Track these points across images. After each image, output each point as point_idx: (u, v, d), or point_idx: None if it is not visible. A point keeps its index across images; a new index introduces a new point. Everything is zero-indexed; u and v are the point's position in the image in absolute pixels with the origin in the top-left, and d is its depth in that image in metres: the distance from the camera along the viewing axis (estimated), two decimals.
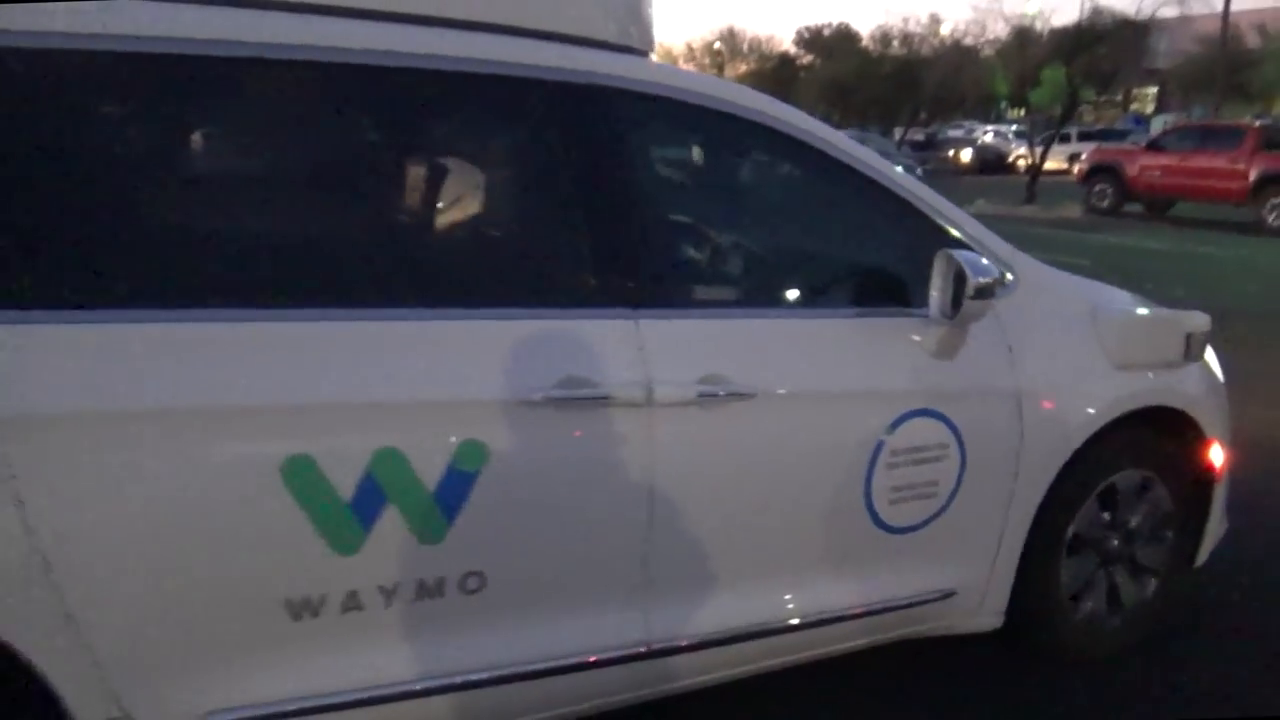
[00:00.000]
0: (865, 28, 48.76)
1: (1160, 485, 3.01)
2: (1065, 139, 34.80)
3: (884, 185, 2.55)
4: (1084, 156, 22.50)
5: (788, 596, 2.44)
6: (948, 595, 2.69)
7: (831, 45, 51.77)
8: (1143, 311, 3.04)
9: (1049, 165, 30.47)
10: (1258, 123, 21.20)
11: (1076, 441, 2.73)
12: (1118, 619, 3.08)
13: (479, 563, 2.03)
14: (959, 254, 2.43)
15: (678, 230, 2.58)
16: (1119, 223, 19.24)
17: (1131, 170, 20.14)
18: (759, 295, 2.60)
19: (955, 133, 43.27)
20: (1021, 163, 30.86)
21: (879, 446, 2.43)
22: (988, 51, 38.53)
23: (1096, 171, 20.91)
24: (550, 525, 2.09)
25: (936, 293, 2.46)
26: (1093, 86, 30.64)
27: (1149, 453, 2.96)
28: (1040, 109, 36.47)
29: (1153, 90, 61.69)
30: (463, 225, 2.26)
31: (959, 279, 2.40)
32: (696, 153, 3.05)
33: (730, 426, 2.23)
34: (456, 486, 1.96)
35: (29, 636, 1.65)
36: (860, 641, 2.64)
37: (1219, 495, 3.16)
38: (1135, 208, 20.52)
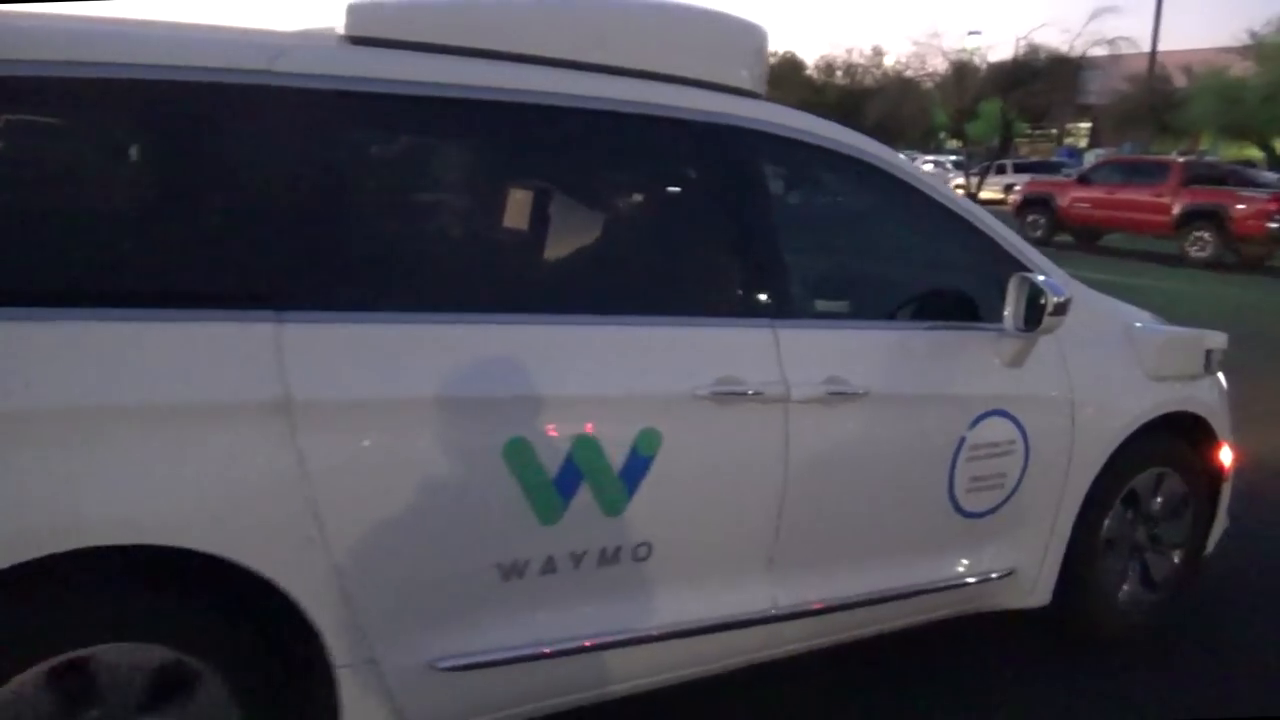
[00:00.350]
0: (811, 57, 49.55)
1: (1176, 478, 3.47)
2: (1001, 170, 35.76)
3: (963, 216, 3.01)
4: (1018, 188, 23.09)
5: (885, 571, 2.80)
6: (1010, 574, 3.08)
7: (778, 74, 52.58)
8: (1172, 329, 3.54)
9: (985, 196, 31.26)
10: (1182, 159, 21.93)
11: (1117, 441, 3.16)
12: (1153, 594, 3.51)
13: (649, 534, 2.37)
14: (1035, 277, 2.85)
15: (800, 252, 2.93)
16: (1051, 253, 19.76)
17: (1063, 202, 20.74)
18: (865, 310, 2.97)
19: None
20: (959, 193, 31.54)
21: (961, 441, 2.84)
22: (928, 84, 39.50)
23: (1030, 203, 21.51)
24: (705, 501, 2.45)
25: (1011, 309, 2.87)
26: (1027, 120, 31.47)
27: (1171, 451, 3.42)
28: (978, 141, 37.45)
29: (1086, 125, 63.72)
30: (641, 249, 2.69)
31: (1033, 298, 2.82)
32: (808, 185, 3.47)
33: (846, 420, 2.61)
34: (636, 467, 2.32)
35: (304, 587, 1.97)
36: (942, 613, 3.05)
37: (1226, 491, 3.63)
38: (1066, 238, 21.12)
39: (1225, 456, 3.58)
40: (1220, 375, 3.70)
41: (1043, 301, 2.80)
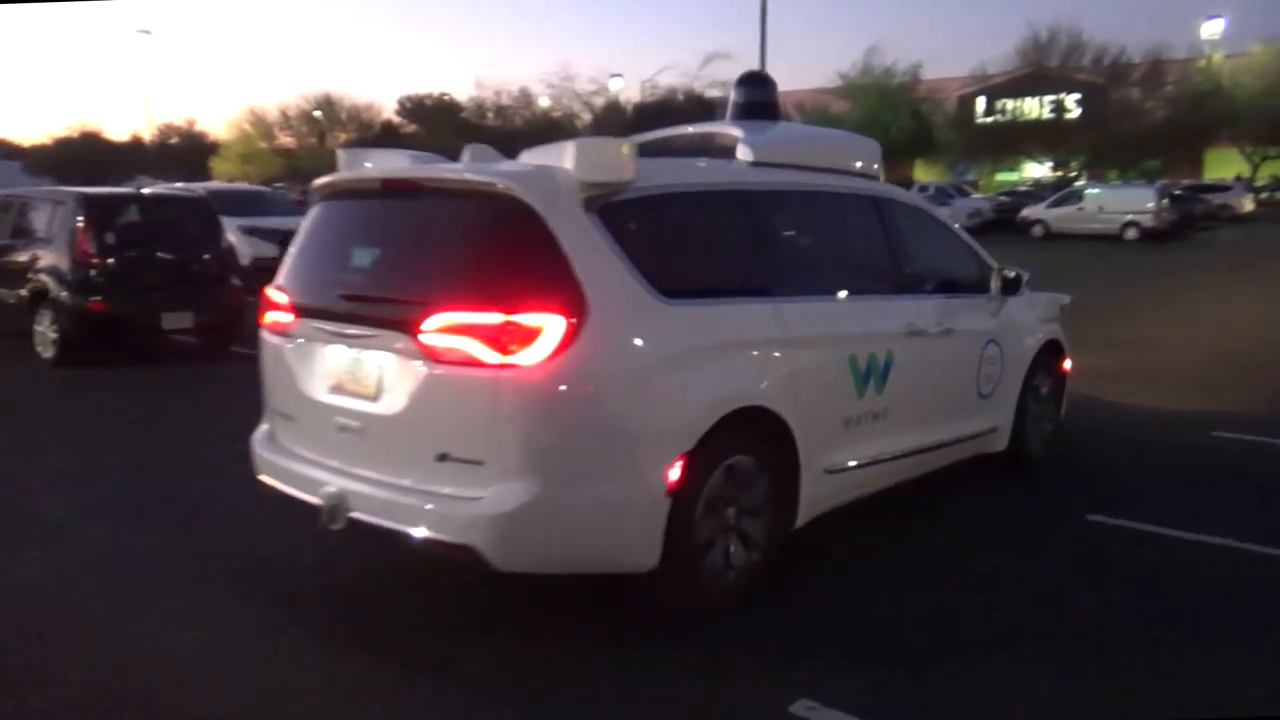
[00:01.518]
0: (465, 98, 50.23)
1: (1054, 369, 6.62)
2: None
3: (963, 238, 6.03)
4: None
5: (957, 426, 5.59)
6: (993, 430, 5.96)
7: (433, 115, 52.83)
8: (1047, 294, 6.67)
9: None
10: None
11: (1034, 352, 6.26)
12: (1050, 424, 6.64)
13: (886, 404, 4.85)
14: (1009, 269, 5.99)
15: (916, 258, 5.54)
16: None
17: None
18: (938, 289, 5.59)
19: None
20: None
21: (981, 355, 5.74)
22: (578, 124, 41.45)
23: None
24: (911, 384, 5.00)
25: (996, 285, 5.91)
26: None
27: (1050, 357, 6.51)
28: None
29: None
30: (872, 261, 5.27)
31: (1008, 280, 5.93)
32: (899, 224, 5.57)
33: (946, 343, 5.37)
34: (886, 370, 4.82)
35: (796, 427, 4.21)
36: (970, 453, 5.82)
37: (1068, 386, 6.81)
38: None
39: (1067, 364, 6.75)
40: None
41: (1015, 279, 5.97)
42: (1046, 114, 42.84)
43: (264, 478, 4.25)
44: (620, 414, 3.53)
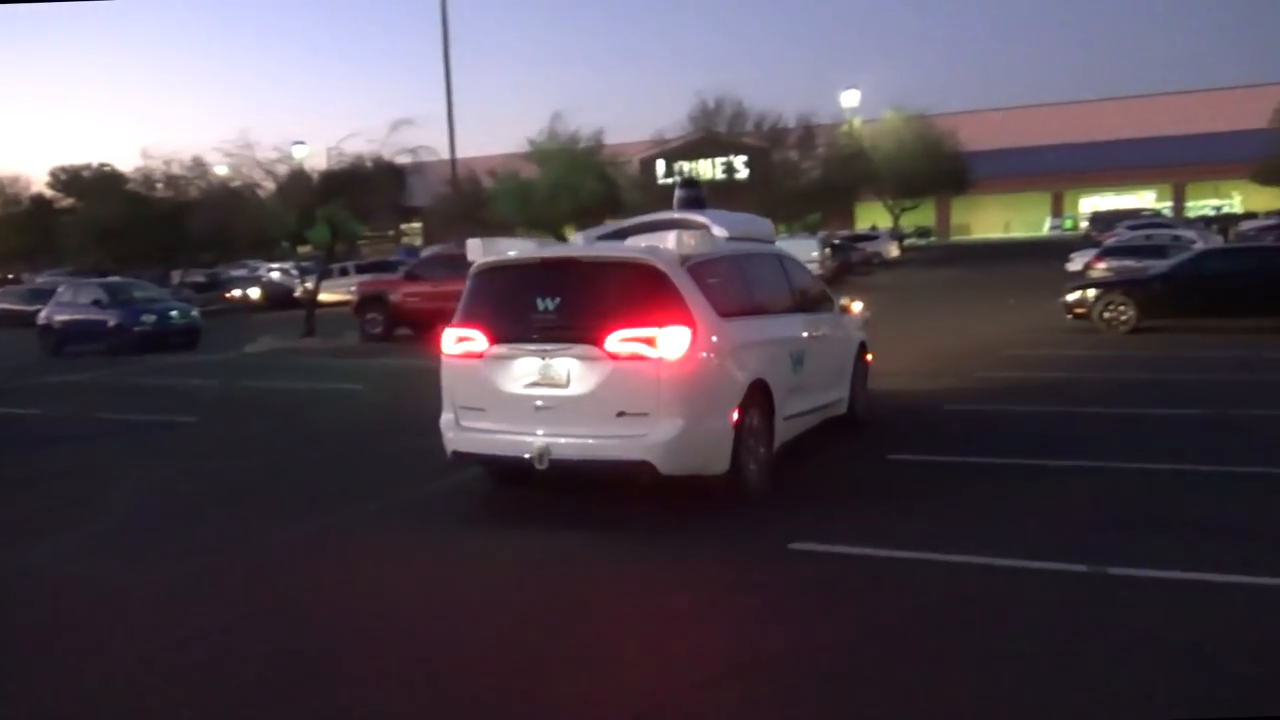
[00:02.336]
0: (129, 168, 46.33)
1: (864, 362, 10.31)
2: (345, 273, 37.19)
3: (815, 277, 10.02)
4: (354, 289, 24.15)
5: (833, 394, 9.25)
6: (842, 399, 9.49)
7: (93, 187, 48.33)
8: (861, 312, 10.34)
9: (334, 298, 32.12)
10: None
11: (856, 346, 9.96)
12: (866, 396, 10.29)
13: (802, 381, 8.20)
14: (841, 298, 10.00)
15: (801, 290, 9.04)
16: (393, 347, 21.08)
17: (396, 298, 22.18)
18: (812, 309, 9.04)
19: (239, 272, 43.39)
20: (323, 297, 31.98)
21: (836, 350, 9.34)
22: (260, 193, 39.52)
23: (367, 302, 22.61)
24: (817, 366, 8.63)
25: (838, 305, 9.80)
26: (362, 223, 33.10)
27: (860, 353, 10.13)
28: (320, 245, 38.47)
29: (419, 225, 69.23)
30: (788, 293, 8.73)
31: (843, 303, 9.93)
32: (787, 268, 9.13)
33: (823, 343, 8.90)
34: (802, 359, 8.23)
35: (774, 387, 7.48)
36: (831, 414, 9.24)
37: (869, 372, 10.46)
38: (408, 332, 22.63)
39: (869, 357, 10.40)
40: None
41: (847, 303, 10.03)
42: (719, 174, 46.27)
43: (459, 450, 7.23)
44: (714, 383, 6.76)
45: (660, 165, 47.68)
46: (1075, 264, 31.17)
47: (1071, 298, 18.87)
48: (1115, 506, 7.01)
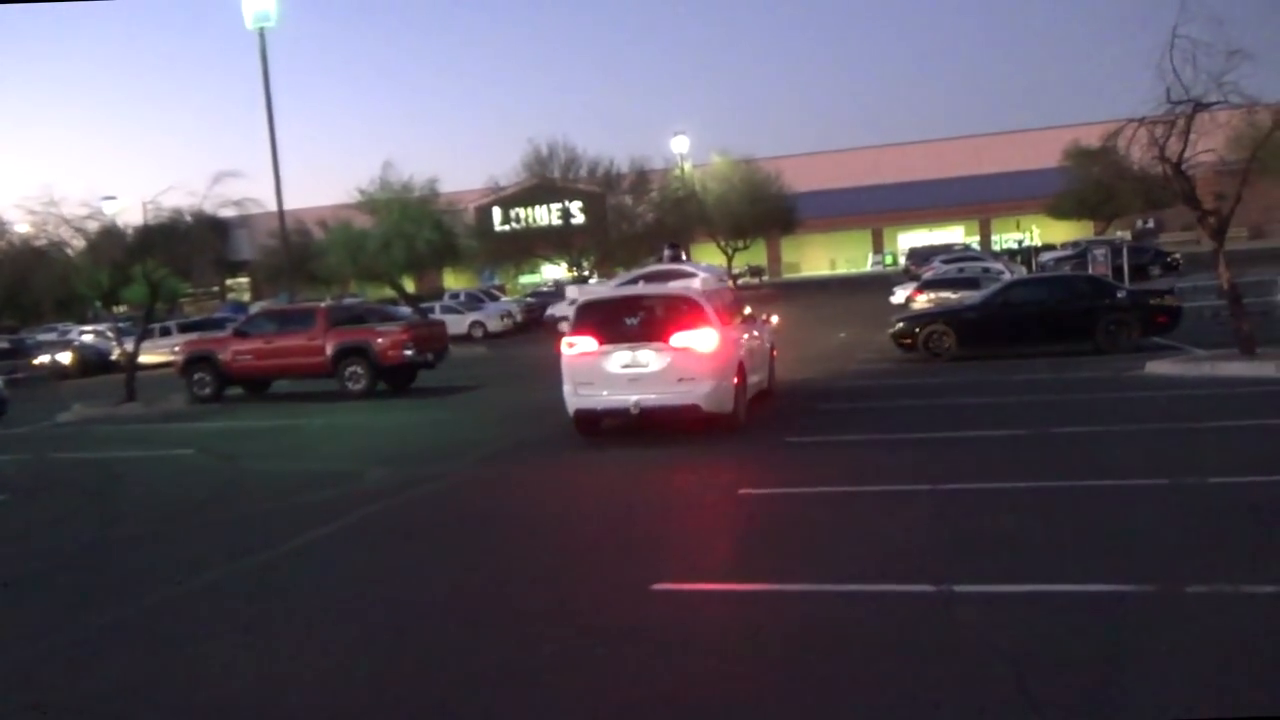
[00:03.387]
0: None
1: (769, 355, 16.07)
2: (167, 332, 35.24)
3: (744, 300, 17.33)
4: (178, 348, 22.80)
5: (760, 375, 14.71)
6: (764, 379, 15.04)
7: None
8: (775, 321, 18.11)
9: (157, 360, 30.38)
10: (325, 304, 23.74)
11: (770, 346, 15.84)
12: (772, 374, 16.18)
13: (753, 365, 13.87)
14: (762, 311, 17.20)
15: (745, 308, 15.86)
16: (224, 408, 20.08)
17: (225, 357, 21.12)
18: (748, 321, 15.00)
19: (48, 336, 40.41)
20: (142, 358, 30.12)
21: (763, 347, 15.15)
22: (70, 250, 37.07)
23: (194, 361, 21.42)
24: (754, 358, 14.06)
25: (762, 318, 16.04)
26: (181, 279, 31.51)
27: (772, 349, 16.33)
28: (138, 304, 36.33)
29: (245, 280, 66.58)
30: (739, 311, 14.92)
31: (764, 317, 16.54)
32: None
33: (758, 342, 14.74)
34: (752, 350, 14.16)
35: (747, 366, 13.33)
36: (762, 387, 14.88)
37: (774, 364, 16.30)
38: (238, 391, 21.65)
39: (775, 352, 16.26)
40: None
41: (767, 316, 16.95)
42: (555, 220, 46.60)
43: (580, 408, 12.52)
44: (726, 361, 12.23)
45: (496, 212, 47.58)
46: (898, 297, 32.90)
47: (897, 328, 19.97)
48: (952, 526, 7.40)
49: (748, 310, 15.18)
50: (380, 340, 20.43)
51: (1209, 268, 18.94)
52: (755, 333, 14.61)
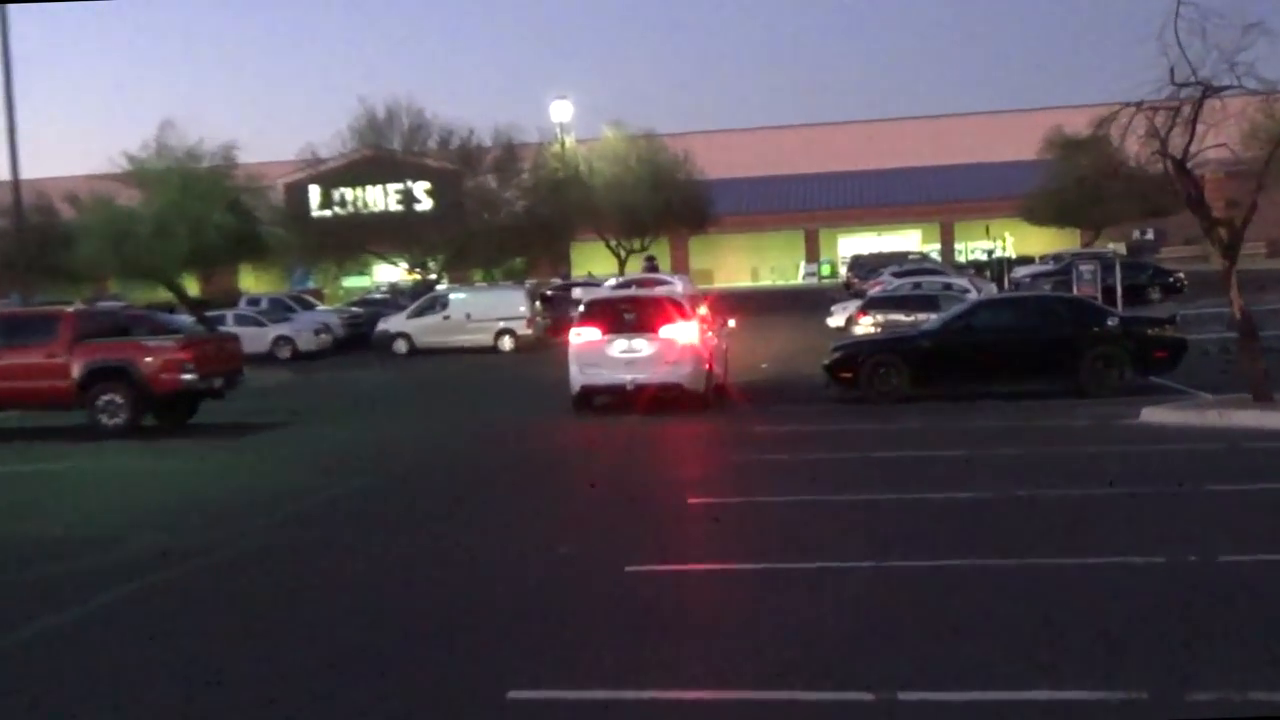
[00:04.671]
0: None
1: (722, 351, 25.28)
2: None
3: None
4: None
5: (720, 367, 23.04)
6: (720, 370, 23.01)
7: None
8: (731, 324, 30.19)
9: None
10: (74, 309, 22.61)
11: (724, 348, 24.80)
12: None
13: (715, 357, 22.08)
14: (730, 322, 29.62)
15: (699, 310, 24.50)
16: None
17: None
18: (712, 321, 24.84)
19: None
20: None
21: (724, 348, 24.27)
22: None
23: None
24: (717, 351, 23.41)
25: (720, 323, 25.71)
26: None
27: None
28: None
29: None
30: (696, 313, 23.07)
31: (722, 322, 27.14)
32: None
33: (719, 338, 24.60)
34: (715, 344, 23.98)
35: (715, 354, 21.89)
36: (718, 379, 22.25)
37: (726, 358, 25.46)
38: None
39: (726, 351, 24.55)
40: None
41: (725, 320, 27.51)
42: (394, 205, 46.21)
43: (586, 384, 20.22)
44: (703, 349, 20.33)
45: (314, 193, 46.92)
46: (837, 318, 33.60)
47: (834, 359, 20.36)
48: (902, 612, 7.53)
49: (703, 311, 22.68)
50: (149, 359, 19.77)
51: (1219, 291, 19.85)
52: (718, 330, 23.31)
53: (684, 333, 19.68)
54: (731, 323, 26.12)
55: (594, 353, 19.97)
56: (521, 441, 17.87)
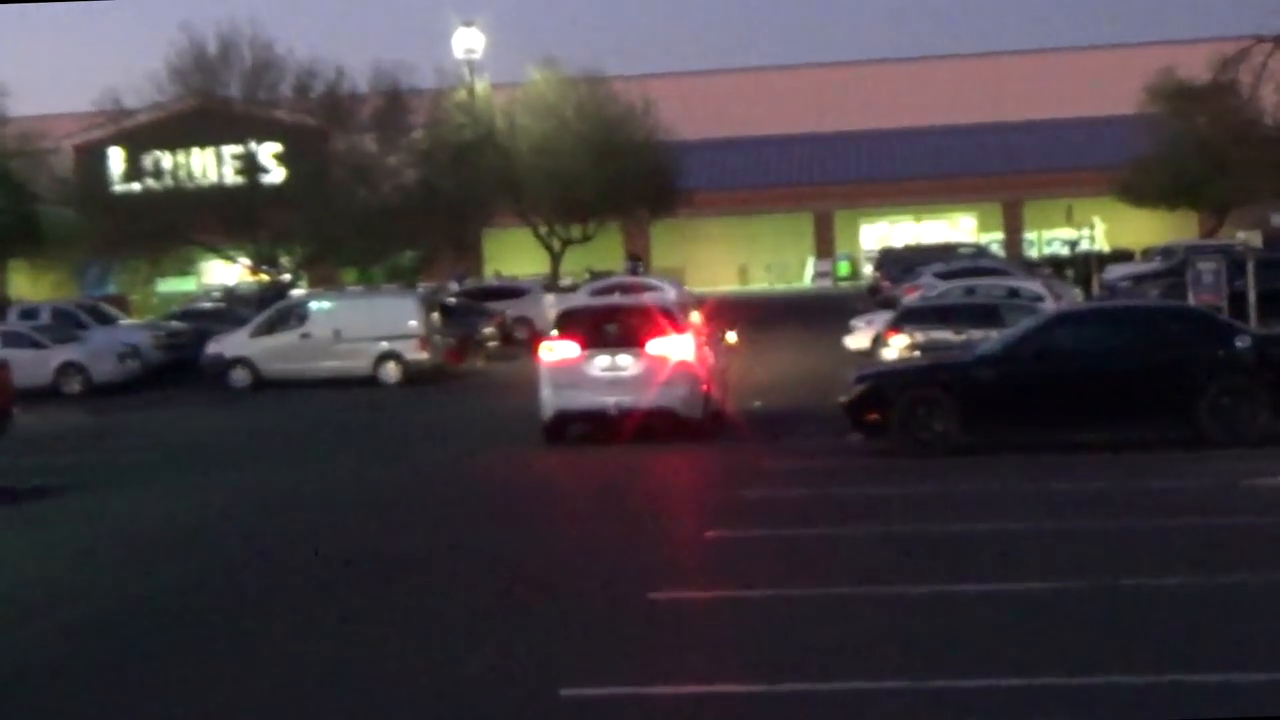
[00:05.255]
0: None
1: None
2: None
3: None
4: None
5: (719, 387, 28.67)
6: (720, 400, 28.04)
7: None
8: (733, 338, 37.53)
9: None
10: None
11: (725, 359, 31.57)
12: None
13: (714, 375, 28.13)
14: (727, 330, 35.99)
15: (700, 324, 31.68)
16: None
17: None
18: (708, 335, 31.11)
19: None
20: None
21: (724, 368, 29.69)
22: None
23: None
24: (716, 367, 29.80)
25: (722, 334, 34.73)
26: None
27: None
28: None
29: None
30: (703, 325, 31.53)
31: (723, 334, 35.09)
32: None
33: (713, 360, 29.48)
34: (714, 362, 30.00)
35: (709, 365, 26.42)
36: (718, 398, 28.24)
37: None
38: None
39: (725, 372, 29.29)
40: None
41: (725, 335, 34.27)
42: (231, 177, 46.04)
43: (561, 408, 23.58)
44: (700, 370, 24.25)
45: (117, 157, 46.70)
46: (860, 337, 33.73)
47: (857, 395, 20.35)
48: None
49: (697, 321, 26.49)
50: None
51: None
52: (716, 345, 26.65)
53: (677, 348, 22.90)
54: (731, 335, 30.50)
55: (570, 372, 23.06)
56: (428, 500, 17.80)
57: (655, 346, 22.49)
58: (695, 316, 27.83)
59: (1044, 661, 9.33)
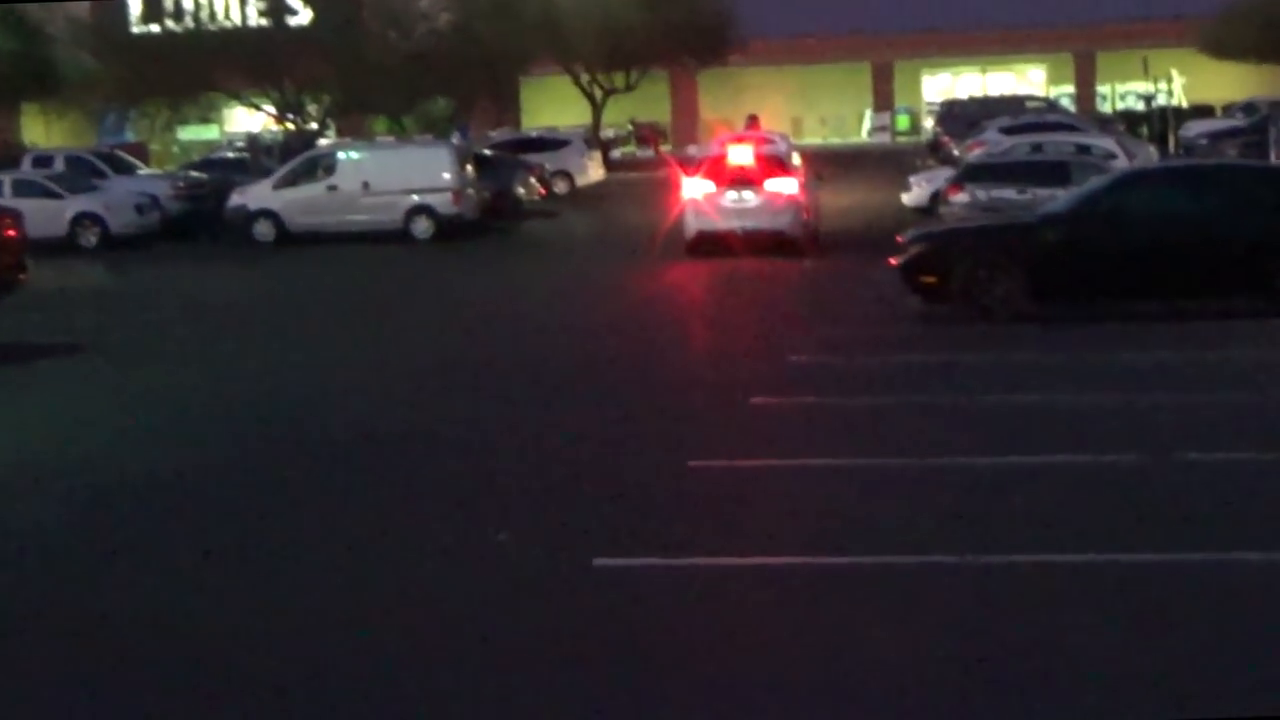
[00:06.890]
0: None
1: None
2: None
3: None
4: None
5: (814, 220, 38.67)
6: (816, 225, 37.84)
7: None
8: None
9: None
10: None
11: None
12: None
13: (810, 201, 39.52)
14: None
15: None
16: None
17: None
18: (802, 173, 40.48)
19: None
20: None
21: (817, 201, 39.71)
22: None
23: None
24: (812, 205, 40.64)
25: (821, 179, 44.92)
26: None
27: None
28: None
29: None
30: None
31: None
32: None
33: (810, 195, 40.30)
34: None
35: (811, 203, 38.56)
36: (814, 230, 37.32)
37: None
38: None
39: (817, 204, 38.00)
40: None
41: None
42: (256, 18, 45.91)
43: (700, 229, 33.03)
44: (802, 200, 33.94)
45: (134, 2, 46.50)
46: (918, 194, 33.60)
47: (912, 256, 20.21)
48: None
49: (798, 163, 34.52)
50: None
51: None
52: (808, 187, 33.84)
53: (787, 185, 32.12)
54: (823, 177, 38.48)
55: (707, 202, 32.11)
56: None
57: (770, 184, 31.73)
58: (797, 160, 35.37)
59: (1100, 535, 9.41)
